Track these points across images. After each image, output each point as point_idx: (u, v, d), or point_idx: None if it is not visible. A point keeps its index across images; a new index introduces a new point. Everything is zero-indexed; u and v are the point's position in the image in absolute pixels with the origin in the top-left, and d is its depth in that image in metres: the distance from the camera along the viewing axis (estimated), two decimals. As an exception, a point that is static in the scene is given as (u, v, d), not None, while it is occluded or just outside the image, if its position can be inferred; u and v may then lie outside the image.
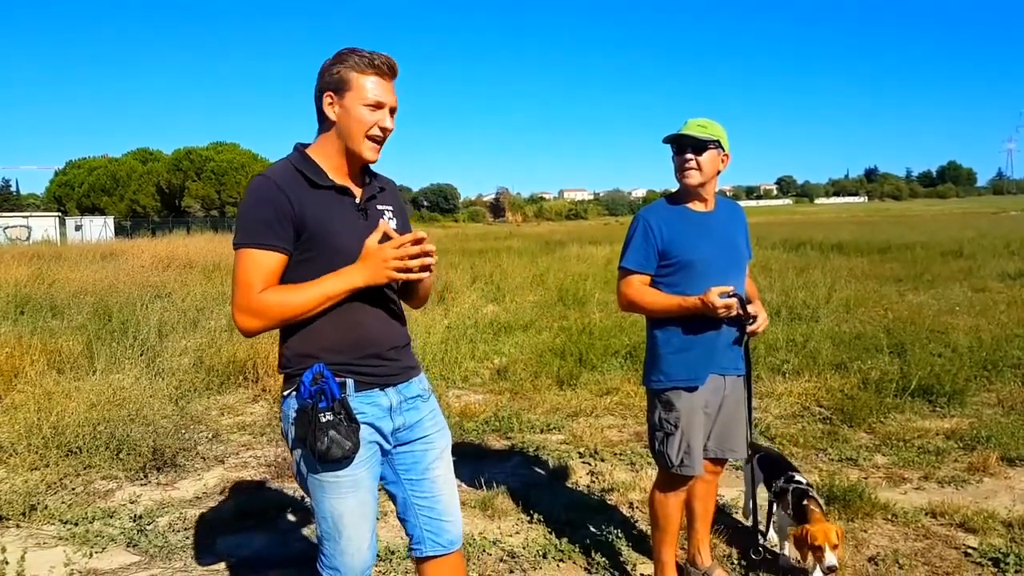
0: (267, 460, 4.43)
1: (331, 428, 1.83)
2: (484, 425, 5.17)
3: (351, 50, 1.95)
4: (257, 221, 1.87)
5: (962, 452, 4.48)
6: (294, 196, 1.88)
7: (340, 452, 1.84)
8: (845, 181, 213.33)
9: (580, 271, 15.06)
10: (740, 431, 2.84)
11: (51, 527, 3.66)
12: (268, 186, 1.89)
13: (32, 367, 6.01)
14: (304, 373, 1.88)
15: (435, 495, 2.12)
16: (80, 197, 62.88)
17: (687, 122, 2.69)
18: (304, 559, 3.31)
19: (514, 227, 71.52)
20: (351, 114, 1.93)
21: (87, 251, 20.93)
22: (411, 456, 2.09)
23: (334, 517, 1.97)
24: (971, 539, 3.35)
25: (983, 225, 35.76)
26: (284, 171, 1.93)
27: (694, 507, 2.98)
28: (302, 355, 1.93)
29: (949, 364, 6.05)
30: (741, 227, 2.85)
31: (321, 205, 1.92)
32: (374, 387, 1.99)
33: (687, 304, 2.60)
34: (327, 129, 1.98)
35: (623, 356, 6.96)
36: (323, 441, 1.82)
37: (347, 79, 1.93)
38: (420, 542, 2.13)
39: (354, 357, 1.95)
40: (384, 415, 2.00)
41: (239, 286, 1.87)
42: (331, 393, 1.85)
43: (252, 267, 1.87)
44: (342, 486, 1.94)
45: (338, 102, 1.94)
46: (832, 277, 12.54)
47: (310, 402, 1.85)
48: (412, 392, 2.09)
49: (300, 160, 1.96)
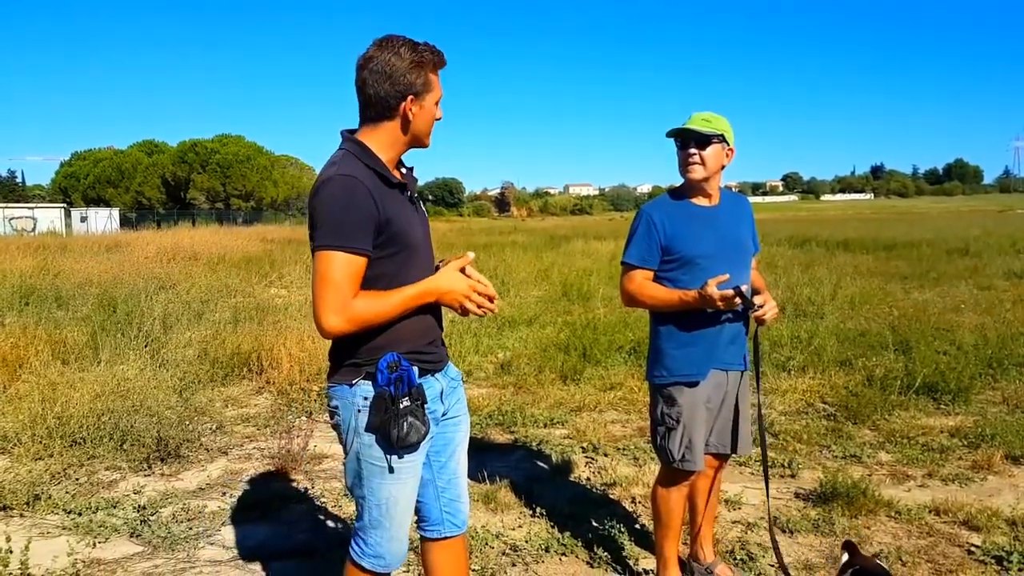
0: (271, 452, 4.44)
1: (409, 414, 1.91)
2: (488, 419, 5.17)
3: (418, 47, 1.95)
4: (348, 223, 1.87)
5: (966, 450, 4.47)
6: (379, 198, 1.90)
7: (417, 436, 1.93)
8: (851, 178, 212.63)
9: (585, 266, 15.04)
10: (743, 426, 2.84)
11: (55, 517, 3.67)
12: (357, 187, 1.87)
13: (37, 357, 6.03)
14: (379, 361, 1.92)
15: (456, 477, 2.21)
16: (85, 189, 63.05)
17: (691, 116, 2.67)
18: (307, 551, 3.32)
19: (519, 222, 71.39)
20: (427, 112, 2.00)
21: (92, 242, 21.00)
22: (443, 438, 2.16)
23: (389, 503, 2.02)
24: (975, 537, 3.35)
25: (989, 223, 35.62)
26: (362, 170, 1.92)
27: (696, 502, 2.98)
28: (374, 346, 1.96)
29: (954, 362, 6.03)
30: (746, 221, 2.83)
31: (396, 204, 1.97)
32: (429, 373, 2.06)
33: (687, 298, 2.59)
34: (393, 125, 1.98)
35: (627, 351, 6.95)
36: (403, 427, 1.90)
37: (430, 82, 1.97)
38: (438, 523, 2.19)
39: (422, 344, 2.03)
40: (437, 399, 2.09)
41: (332, 289, 1.86)
42: (409, 379, 1.92)
43: (344, 270, 1.87)
44: (404, 471, 2.01)
45: (418, 103, 1.96)
46: (837, 274, 12.50)
47: (389, 389, 1.90)
48: (453, 374, 2.20)
49: (367, 156, 1.96)
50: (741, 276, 2.66)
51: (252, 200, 63.92)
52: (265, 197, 63.88)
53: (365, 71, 1.95)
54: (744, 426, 2.84)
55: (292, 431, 4.56)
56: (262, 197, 63.88)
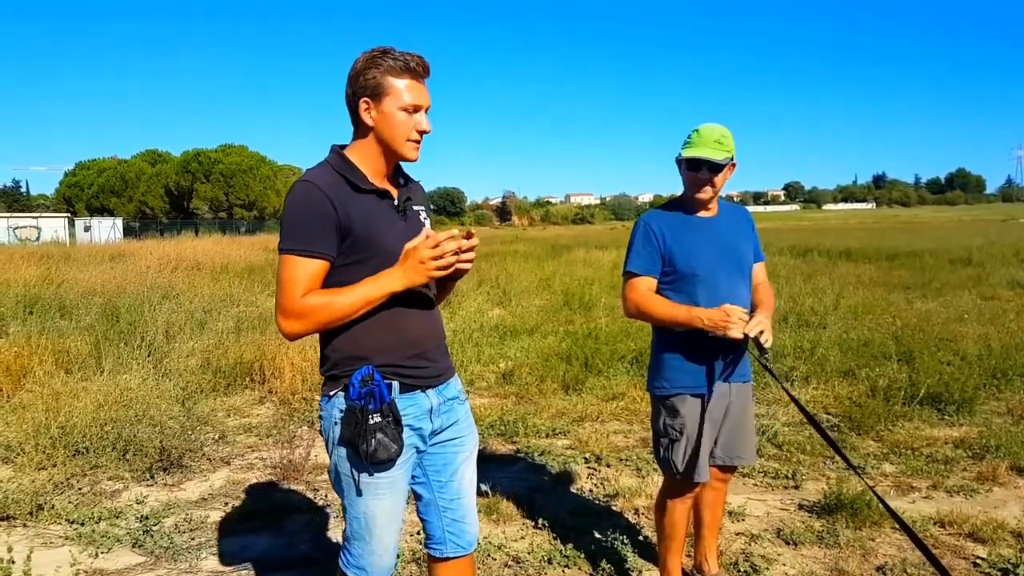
0: (273, 462, 4.43)
1: (379, 430, 1.86)
2: (489, 429, 5.16)
3: (383, 51, 1.92)
4: (302, 227, 1.87)
5: (971, 461, 4.45)
6: (338, 201, 1.88)
7: (386, 454, 1.87)
8: (853, 187, 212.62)
9: (586, 275, 15.05)
10: (748, 438, 2.83)
11: (58, 527, 3.67)
12: (313, 192, 1.87)
13: (40, 367, 6.04)
14: (353, 374, 1.89)
15: (460, 497, 2.15)
16: (89, 198, 63.27)
17: (700, 131, 2.62)
18: (309, 560, 3.31)
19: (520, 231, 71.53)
20: (390, 119, 1.93)
21: (96, 252, 21.04)
22: (442, 457, 2.11)
23: (367, 517, 1.98)
24: (980, 549, 3.33)
25: (992, 233, 35.57)
26: (327, 175, 1.92)
27: (702, 515, 2.97)
28: (350, 357, 1.94)
29: (958, 372, 6.01)
30: (746, 231, 2.81)
31: (365, 209, 1.92)
32: (417, 389, 2.01)
33: (693, 317, 2.55)
34: (364, 134, 1.97)
35: (629, 361, 6.94)
36: (370, 443, 1.85)
37: (383, 84, 1.91)
38: (441, 543, 2.16)
39: (401, 358, 1.97)
40: (424, 416, 2.02)
41: (283, 291, 1.88)
42: (380, 395, 1.87)
43: (296, 273, 1.87)
44: (380, 487, 1.96)
45: (375, 107, 1.92)
46: (840, 284, 12.50)
47: (359, 403, 1.86)
48: (451, 393, 2.12)
49: (341, 164, 1.95)
50: (739, 288, 2.66)
51: (255, 210, 64.13)
52: (268, 207, 64.04)
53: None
54: (749, 437, 2.83)
55: (294, 441, 4.56)
56: (265, 207, 64.06)
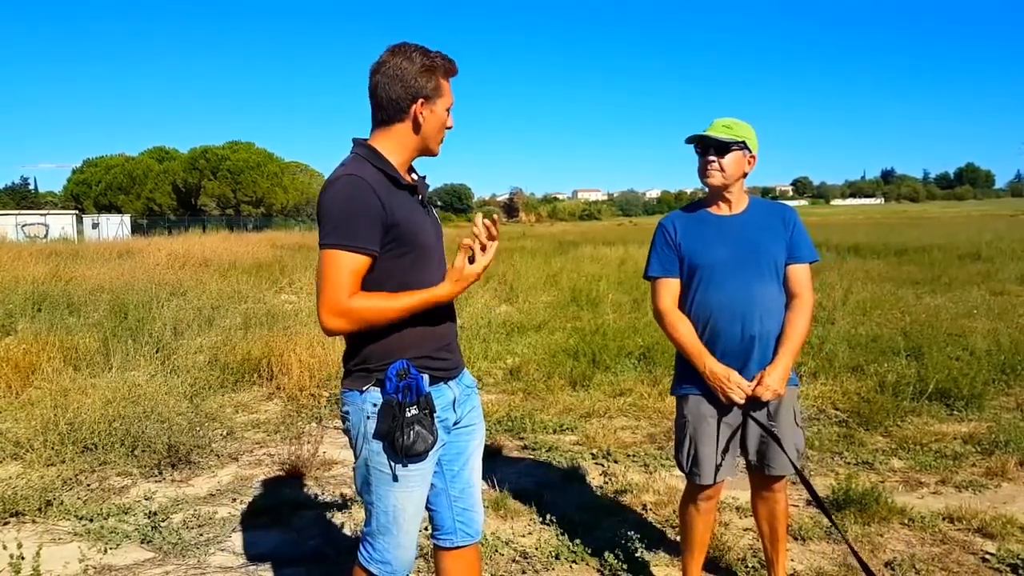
0: (281, 458, 4.44)
1: (416, 423, 1.90)
2: (497, 425, 5.16)
3: (426, 51, 1.98)
4: (349, 222, 1.88)
5: (980, 456, 4.43)
6: (384, 197, 1.91)
7: (424, 446, 1.92)
8: (861, 182, 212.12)
9: (593, 272, 15.02)
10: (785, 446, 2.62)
11: (66, 523, 3.68)
12: (361, 186, 1.89)
13: (49, 364, 6.08)
14: (388, 369, 1.92)
15: (470, 486, 2.19)
16: (97, 195, 63.47)
17: (713, 122, 2.62)
18: (318, 557, 3.32)
19: (527, 227, 71.43)
20: (437, 118, 2.02)
21: (104, 249, 21.09)
22: (456, 447, 2.15)
23: (396, 511, 2.01)
24: (989, 544, 3.31)
25: (1001, 228, 35.34)
26: (370, 171, 1.94)
27: (760, 527, 2.87)
28: (384, 351, 1.96)
29: (967, 367, 5.98)
30: (774, 228, 2.67)
31: (406, 206, 1.98)
32: (441, 381, 2.05)
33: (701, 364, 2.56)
34: (398, 129, 2.00)
35: (636, 357, 6.93)
36: (409, 435, 1.89)
37: (441, 86, 2.00)
38: (451, 532, 2.19)
39: (431, 350, 2.02)
40: (449, 407, 2.07)
41: (330, 287, 1.88)
42: (418, 388, 1.91)
43: (343, 268, 1.88)
44: (412, 480, 1.99)
45: (428, 107, 1.99)
46: (848, 279, 12.44)
47: (397, 397, 1.90)
48: (468, 381, 2.19)
49: (380, 160, 1.98)
50: (756, 289, 2.58)
51: (262, 206, 64.20)
52: (275, 203, 64.12)
53: (378, 75, 1.99)
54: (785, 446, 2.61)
55: (302, 437, 4.57)
56: (272, 203, 64.14)
